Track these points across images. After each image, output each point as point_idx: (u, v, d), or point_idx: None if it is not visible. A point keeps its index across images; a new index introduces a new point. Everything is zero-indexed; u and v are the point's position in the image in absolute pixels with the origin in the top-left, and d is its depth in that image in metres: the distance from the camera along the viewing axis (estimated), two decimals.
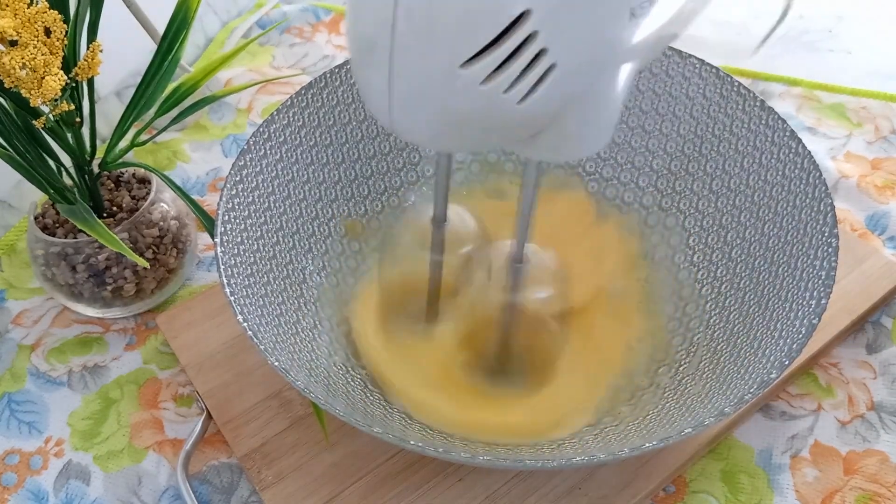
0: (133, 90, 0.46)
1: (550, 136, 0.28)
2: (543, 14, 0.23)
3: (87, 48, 0.40)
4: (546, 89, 0.25)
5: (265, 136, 0.45)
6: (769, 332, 0.38)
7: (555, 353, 0.42)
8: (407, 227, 0.42)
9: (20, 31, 0.35)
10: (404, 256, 0.42)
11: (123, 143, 0.47)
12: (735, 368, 0.38)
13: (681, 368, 0.42)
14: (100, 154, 0.47)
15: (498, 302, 0.38)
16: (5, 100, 0.40)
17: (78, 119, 0.42)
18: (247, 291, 0.39)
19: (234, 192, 0.42)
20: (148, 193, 0.48)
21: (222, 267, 0.39)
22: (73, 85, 0.41)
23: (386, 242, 0.44)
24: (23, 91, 0.36)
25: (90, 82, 0.43)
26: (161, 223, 0.47)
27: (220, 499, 0.42)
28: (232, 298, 0.37)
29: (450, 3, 0.23)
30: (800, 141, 0.42)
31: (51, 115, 0.40)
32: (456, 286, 0.42)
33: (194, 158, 0.61)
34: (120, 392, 0.47)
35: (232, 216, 0.41)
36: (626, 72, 0.27)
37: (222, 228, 0.40)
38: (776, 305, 0.39)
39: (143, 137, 0.47)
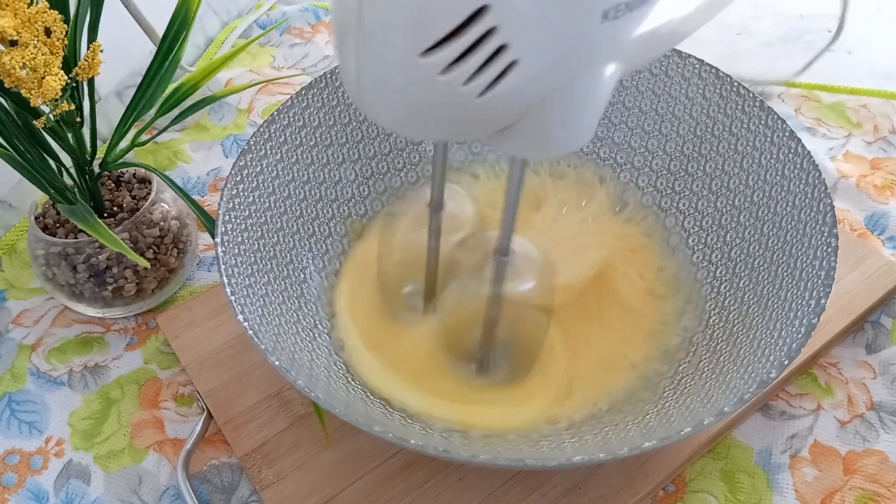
0: (133, 90, 0.46)
1: (523, 132, 0.28)
2: (503, 11, 0.23)
3: (88, 48, 0.40)
4: (508, 84, 0.25)
5: (266, 136, 0.45)
6: (768, 332, 0.38)
7: (537, 347, 0.42)
8: (405, 211, 0.43)
9: (20, 31, 0.35)
10: (402, 241, 0.43)
11: (124, 143, 0.47)
12: (734, 368, 0.38)
13: (680, 368, 0.42)
14: (100, 154, 0.47)
15: (483, 295, 0.38)
16: (5, 100, 0.40)
17: (78, 119, 0.42)
18: (247, 291, 0.39)
19: (234, 192, 0.42)
20: (148, 193, 0.48)
21: (223, 266, 0.39)
22: (74, 85, 0.41)
23: (384, 227, 0.44)
24: (23, 91, 0.36)
25: (90, 82, 0.43)
26: (161, 223, 0.47)
27: (220, 498, 0.42)
28: (232, 298, 0.37)
29: None
30: (799, 141, 0.42)
31: (51, 115, 0.40)
32: (448, 275, 0.42)
33: (195, 158, 0.61)
34: (120, 392, 0.47)
35: (233, 216, 0.41)
36: (609, 72, 0.27)
37: (223, 228, 0.40)
38: (775, 305, 0.39)
39: (144, 137, 0.47)
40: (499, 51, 0.24)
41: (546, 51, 0.25)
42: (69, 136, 0.43)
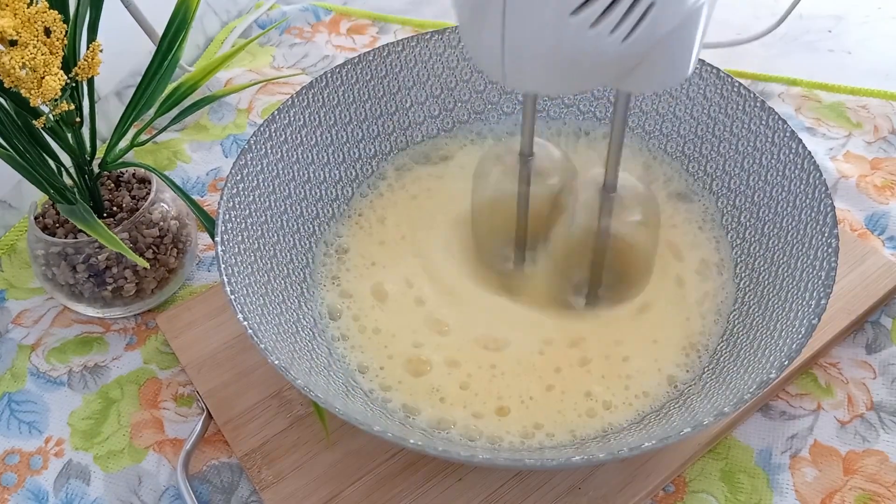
0: (133, 90, 0.46)
1: (644, 69, 0.31)
2: None
3: (87, 48, 0.40)
4: (646, 26, 0.28)
5: (266, 136, 0.45)
6: (769, 332, 0.38)
7: (644, 277, 0.44)
8: (496, 161, 0.44)
9: (20, 30, 0.35)
10: (493, 189, 0.44)
11: (123, 143, 0.47)
12: (734, 368, 0.38)
13: None
14: (100, 154, 0.47)
15: (591, 230, 0.40)
16: (5, 100, 0.40)
17: (78, 119, 0.42)
18: (247, 291, 0.39)
19: (234, 192, 0.42)
20: (148, 193, 0.48)
21: (223, 266, 0.39)
22: (73, 85, 0.41)
23: (476, 175, 0.45)
24: (23, 91, 0.36)
25: (90, 82, 0.43)
26: (161, 223, 0.47)
27: (220, 498, 0.42)
28: (232, 298, 0.37)
29: None
30: (800, 141, 0.42)
31: (51, 115, 0.40)
32: (546, 221, 0.44)
33: (194, 158, 0.61)
34: (120, 392, 0.47)
35: (233, 215, 0.41)
36: (705, 5, 0.30)
37: (223, 227, 0.40)
38: (776, 305, 0.39)
39: (143, 137, 0.47)
40: None
41: None
42: (69, 136, 0.43)
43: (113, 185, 0.50)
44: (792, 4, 0.62)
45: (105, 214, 0.48)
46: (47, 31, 0.36)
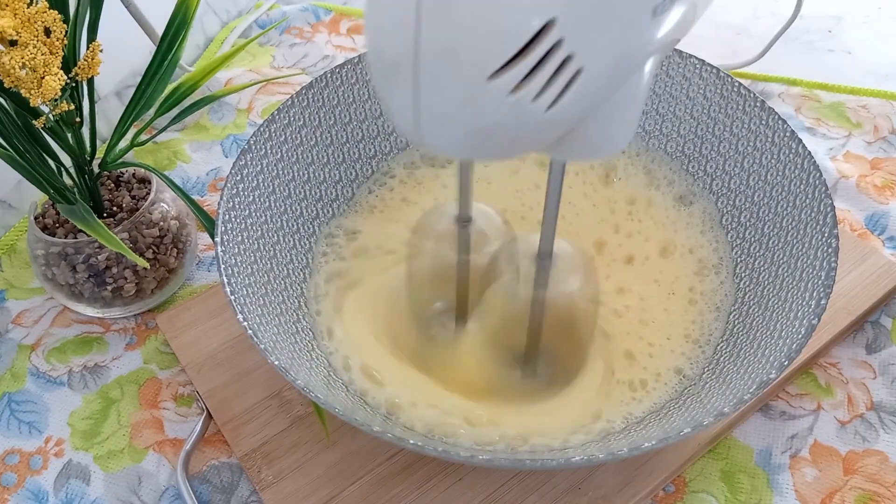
0: (133, 90, 0.46)
1: (577, 137, 0.28)
2: (568, 21, 0.23)
3: (87, 48, 0.40)
4: (573, 94, 0.25)
5: (266, 136, 0.45)
6: (769, 332, 0.38)
7: (582, 350, 0.42)
8: (432, 229, 0.42)
9: (20, 30, 0.35)
10: (431, 257, 0.42)
11: (123, 143, 0.47)
12: (734, 368, 0.38)
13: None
14: (100, 154, 0.47)
15: (525, 299, 0.38)
16: (5, 100, 0.40)
17: (78, 119, 0.42)
18: (247, 291, 0.39)
19: (234, 192, 0.42)
20: (148, 193, 0.48)
21: (223, 266, 0.39)
22: (73, 85, 0.41)
23: (411, 243, 0.44)
24: (23, 91, 0.36)
25: (90, 82, 0.43)
26: (161, 223, 0.47)
27: (220, 498, 0.42)
28: (232, 298, 0.37)
29: (473, 20, 0.23)
30: (800, 141, 0.42)
31: (51, 115, 0.40)
32: (483, 285, 0.42)
33: (194, 158, 0.61)
34: (120, 392, 0.47)
35: (233, 215, 0.41)
36: (649, 67, 0.28)
37: (223, 228, 0.40)
38: (776, 305, 0.39)
39: (143, 137, 0.47)
40: (564, 62, 0.24)
41: (605, 55, 0.25)
42: (69, 136, 0.43)
43: (113, 185, 0.50)
44: (780, 31, 0.62)
45: (105, 214, 0.48)
46: (47, 31, 0.36)
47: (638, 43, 0.26)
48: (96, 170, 0.46)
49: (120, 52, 0.53)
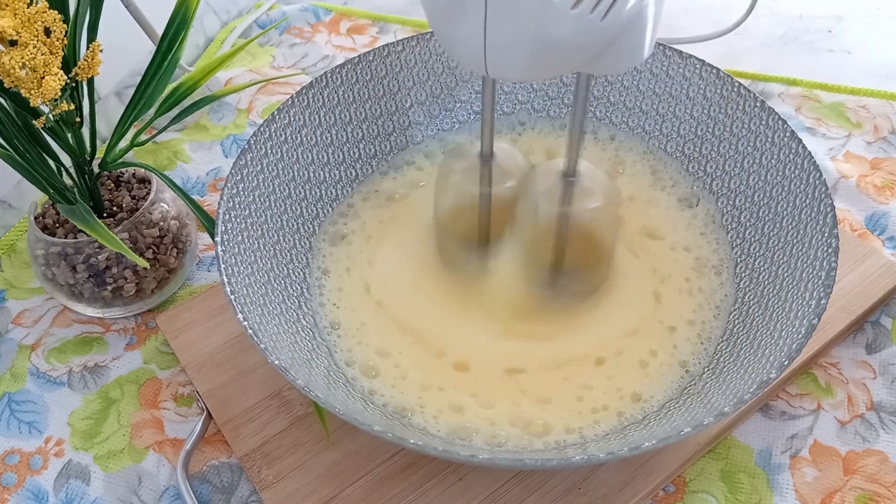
0: (133, 90, 0.46)
1: (611, 51, 0.32)
2: None
3: (87, 48, 0.40)
4: (620, 4, 0.30)
5: (266, 136, 0.45)
6: (769, 332, 0.38)
7: (606, 267, 0.44)
8: (457, 164, 0.44)
9: (20, 30, 0.35)
10: (456, 191, 0.44)
11: (123, 143, 0.47)
12: (734, 368, 0.38)
13: None
14: (100, 154, 0.47)
15: (553, 216, 0.41)
16: (5, 100, 0.40)
17: (78, 119, 0.42)
18: (247, 291, 0.39)
19: (234, 192, 0.42)
20: (148, 193, 0.48)
21: (223, 266, 0.39)
22: (73, 85, 0.41)
23: (438, 179, 0.46)
24: (23, 91, 0.36)
25: (90, 82, 0.43)
26: (161, 223, 0.47)
27: (220, 498, 0.42)
28: (232, 298, 0.37)
29: None
30: (800, 141, 0.42)
31: (51, 115, 0.40)
32: (508, 218, 0.44)
33: (194, 158, 0.61)
34: (120, 392, 0.47)
35: (233, 215, 0.41)
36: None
37: (223, 227, 0.40)
38: (776, 305, 0.39)
39: (143, 137, 0.47)
40: None
41: None
42: (69, 136, 0.43)
43: (113, 185, 0.50)
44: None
45: (105, 214, 0.48)
46: (47, 31, 0.36)
47: None
48: (96, 170, 0.46)
49: (120, 52, 0.53)
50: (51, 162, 0.44)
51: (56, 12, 0.37)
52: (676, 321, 0.43)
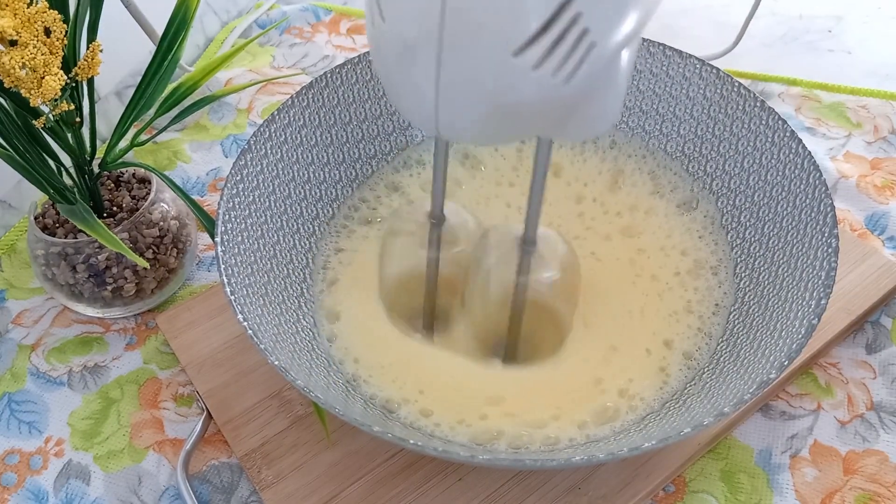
0: (133, 90, 0.46)
1: (578, 116, 0.30)
2: None
3: (87, 48, 0.40)
4: (587, 67, 0.27)
5: (266, 136, 0.45)
6: (769, 332, 0.38)
7: (561, 339, 0.42)
8: (404, 225, 0.42)
9: (20, 30, 0.35)
10: (403, 255, 0.42)
11: (123, 143, 0.47)
12: (734, 368, 0.38)
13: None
14: (100, 154, 0.47)
15: (510, 285, 0.38)
16: (5, 100, 0.40)
17: (78, 119, 0.42)
18: (247, 291, 0.39)
19: (234, 192, 0.42)
20: (148, 193, 0.48)
21: (223, 266, 0.39)
22: (73, 85, 0.41)
23: (384, 241, 0.44)
24: (23, 91, 0.36)
25: (90, 82, 0.43)
26: (161, 223, 0.47)
27: (220, 498, 0.42)
28: (232, 298, 0.37)
29: None
30: (800, 141, 0.42)
31: (51, 115, 0.40)
32: (460, 281, 0.42)
33: (194, 158, 0.61)
34: (120, 392, 0.47)
35: (233, 215, 0.41)
36: (633, 46, 0.29)
37: (223, 228, 0.40)
38: (776, 305, 0.39)
39: (143, 137, 0.47)
40: (581, 36, 0.26)
41: (613, 28, 0.26)
42: (69, 136, 0.43)
43: (113, 185, 0.50)
44: (745, 23, 0.62)
45: (105, 214, 0.48)
46: (47, 31, 0.36)
47: (640, 16, 0.27)
48: (96, 170, 0.46)
49: (120, 52, 0.53)
50: (51, 162, 0.44)
51: (56, 12, 0.37)
52: (669, 337, 0.43)
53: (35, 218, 0.47)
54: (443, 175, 0.37)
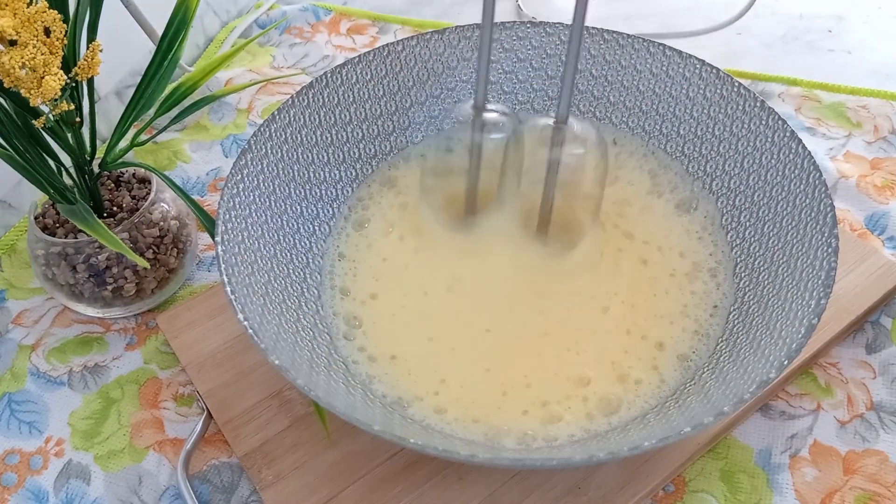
0: (133, 90, 0.46)
1: None
2: None
3: (87, 48, 0.40)
4: None
5: (266, 136, 0.45)
6: (768, 332, 0.38)
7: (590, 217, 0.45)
8: (451, 121, 0.46)
9: (20, 30, 0.35)
10: (449, 145, 0.46)
11: (123, 143, 0.47)
12: (734, 368, 0.38)
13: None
14: (100, 154, 0.47)
15: (544, 162, 0.42)
16: (5, 100, 0.40)
17: (78, 119, 0.42)
18: (247, 291, 0.39)
19: (235, 192, 0.42)
20: (148, 193, 0.48)
21: (223, 266, 0.39)
22: (73, 85, 0.41)
23: (434, 136, 0.47)
24: (23, 91, 0.36)
25: (90, 82, 0.43)
26: (161, 223, 0.47)
27: (220, 498, 0.42)
28: (233, 297, 0.37)
29: None
30: (800, 141, 0.42)
31: (51, 115, 0.40)
32: (499, 164, 0.45)
33: (194, 158, 0.61)
34: (120, 392, 0.47)
35: (233, 216, 0.41)
36: None
37: (223, 227, 0.40)
38: (776, 305, 0.39)
39: (143, 137, 0.47)
40: None
41: None
42: (69, 135, 0.43)
43: (113, 185, 0.50)
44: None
45: (105, 214, 0.48)
46: (47, 31, 0.36)
47: None
48: (96, 170, 0.46)
49: (120, 52, 0.53)
50: (51, 162, 0.44)
51: (56, 12, 0.37)
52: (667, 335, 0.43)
53: (35, 218, 0.47)
54: (486, 64, 0.40)
